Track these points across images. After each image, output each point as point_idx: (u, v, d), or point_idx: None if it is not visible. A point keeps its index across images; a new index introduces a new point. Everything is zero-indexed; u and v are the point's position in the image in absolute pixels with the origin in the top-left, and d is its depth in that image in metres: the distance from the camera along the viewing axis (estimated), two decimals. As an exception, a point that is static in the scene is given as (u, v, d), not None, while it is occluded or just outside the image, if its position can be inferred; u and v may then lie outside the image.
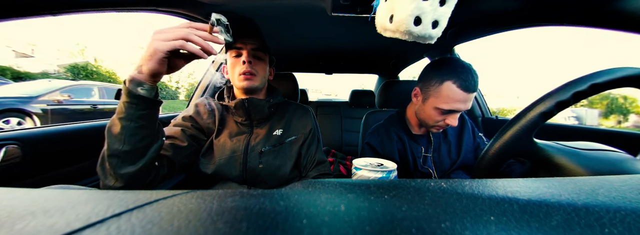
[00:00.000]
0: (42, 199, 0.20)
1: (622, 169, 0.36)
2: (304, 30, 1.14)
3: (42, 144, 0.75)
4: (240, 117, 0.77)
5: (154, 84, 0.52)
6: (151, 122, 0.53)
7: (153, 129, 0.54)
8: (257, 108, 0.75)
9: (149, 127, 0.52)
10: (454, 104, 0.69)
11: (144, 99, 0.50)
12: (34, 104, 4.19)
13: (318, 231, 0.15)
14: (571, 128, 1.01)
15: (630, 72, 0.37)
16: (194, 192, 0.21)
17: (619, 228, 0.16)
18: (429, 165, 0.82)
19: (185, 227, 0.15)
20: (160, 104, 0.54)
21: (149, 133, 0.53)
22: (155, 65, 0.48)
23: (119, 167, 0.51)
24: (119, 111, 0.50)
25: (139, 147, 0.51)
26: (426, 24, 0.44)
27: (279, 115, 0.83)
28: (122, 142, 0.50)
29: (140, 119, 0.50)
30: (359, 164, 0.46)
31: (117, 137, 0.50)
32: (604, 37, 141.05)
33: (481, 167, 0.44)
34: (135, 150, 0.51)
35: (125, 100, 0.49)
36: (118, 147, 0.49)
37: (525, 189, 0.22)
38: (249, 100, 0.74)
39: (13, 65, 13.99)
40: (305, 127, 0.84)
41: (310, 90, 6.90)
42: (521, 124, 0.40)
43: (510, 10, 0.81)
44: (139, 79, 0.50)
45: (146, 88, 0.51)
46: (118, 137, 0.49)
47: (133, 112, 0.49)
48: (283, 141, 0.78)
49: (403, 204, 0.19)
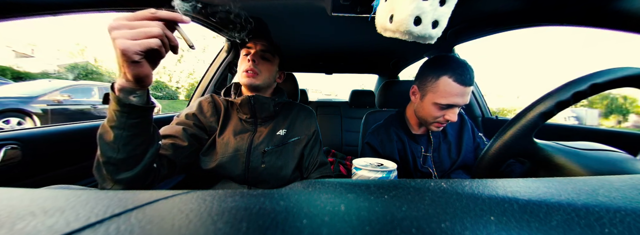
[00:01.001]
0: (42, 199, 0.20)
1: (622, 169, 0.36)
2: (304, 30, 1.14)
3: (42, 144, 0.75)
4: (245, 114, 0.77)
5: (145, 88, 0.47)
6: (145, 129, 0.49)
7: (147, 134, 0.50)
8: (263, 106, 0.76)
9: (143, 135, 0.49)
10: (452, 98, 0.69)
11: (135, 107, 0.45)
12: (34, 104, 4.19)
13: (318, 231, 0.15)
14: (571, 128, 1.01)
15: (631, 72, 0.37)
16: (194, 192, 0.21)
17: (619, 228, 0.16)
18: (429, 165, 0.82)
19: (185, 227, 0.15)
20: (153, 109, 0.50)
21: (144, 140, 0.50)
22: (136, 69, 0.42)
23: (116, 174, 0.48)
24: (109, 119, 0.46)
25: (135, 155, 0.49)
26: (426, 24, 0.44)
27: (283, 115, 0.83)
28: (116, 151, 0.47)
29: (134, 127, 0.46)
30: (359, 164, 0.46)
31: (110, 145, 0.46)
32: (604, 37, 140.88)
33: (481, 167, 0.44)
34: (131, 158, 0.49)
35: (116, 109, 0.44)
36: (112, 155, 0.47)
37: (525, 189, 0.22)
38: (255, 98, 0.74)
39: (13, 65, 13.98)
40: (309, 129, 0.84)
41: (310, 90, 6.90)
42: (521, 124, 0.40)
43: (510, 10, 0.81)
44: (129, 87, 0.44)
45: (138, 95, 0.46)
46: (111, 146, 0.46)
47: (125, 120, 0.45)
48: (286, 141, 0.78)
49: (403, 204, 0.19)
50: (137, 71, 0.42)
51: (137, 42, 0.38)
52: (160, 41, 0.40)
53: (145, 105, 0.47)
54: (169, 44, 0.43)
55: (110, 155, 0.47)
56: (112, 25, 0.39)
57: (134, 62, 0.40)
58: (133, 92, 0.46)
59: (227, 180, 0.74)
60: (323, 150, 0.88)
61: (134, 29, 0.39)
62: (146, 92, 0.48)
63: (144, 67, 0.42)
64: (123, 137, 0.46)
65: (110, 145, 0.47)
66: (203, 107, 0.79)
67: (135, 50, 0.39)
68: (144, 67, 0.42)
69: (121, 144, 0.47)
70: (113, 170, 0.48)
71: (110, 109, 0.46)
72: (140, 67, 0.42)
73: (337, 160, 1.77)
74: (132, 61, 0.40)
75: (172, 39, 0.43)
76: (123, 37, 0.38)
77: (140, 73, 0.43)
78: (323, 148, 0.89)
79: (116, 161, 0.47)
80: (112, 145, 0.47)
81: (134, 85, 0.45)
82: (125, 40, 0.38)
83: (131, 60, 0.40)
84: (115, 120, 0.45)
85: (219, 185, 0.75)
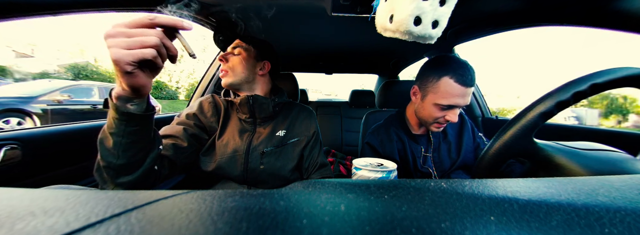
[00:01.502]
0: (42, 199, 0.20)
1: (622, 169, 0.36)
2: (304, 30, 1.14)
3: (42, 144, 0.75)
4: (245, 114, 0.77)
5: (143, 97, 0.45)
6: (145, 135, 0.48)
7: (147, 140, 0.49)
8: (262, 106, 0.75)
9: (143, 141, 0.48)
10: (453, 99, 0.69)
11: (134, 115, 0.44)
12: (34, 104, 4.19)
13: (318, 231, 0.15)
14: (571, 128, 1.01)
15: (631, 72, 0.37)
16: (194, 192, 0.21)
17: (619, 228, 0.16)
18: (429, 165, 0.82)
19: (185, 227, 0.15)
20: (153, 115, 0.49)
21: (144, 146, 0.49)
22: (130, 80, 0.40)
23: (116, 178, 0.49)
24: (108, 125, 0.45)
25: (135, 160, 0.49)
26: (426, 24, 0.44)
27: (283, 116, 0.83)
28: (116, 157, 0.46)
29: (133, 134, 0.46)
30: (359, 164, 0.46)
31: (110, 151, 0.46)
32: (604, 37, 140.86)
33: (481, 167, 0.44)
34: (131, 163, 0.48)
35: (115, 117, 0.44)
36: (112, 160, 0.46)
37: (525, 189, 0.22)
38: (254, 97, 0.73)
39: (13, 65, 13.98)
40: (309, 130, 0.83)
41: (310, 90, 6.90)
42: (521, 124, 0.40)
43: (510, 10, 0.81)
44: (126, 96, 0.43)
45: (136, 103, 0.45)
46: (111, 151, 0.46)
47: (123, 128, 0.44)
48: (286, 142, 0.78)
49: (403, 204, 0.19)
50: (132, 81, 0.40)
51: (131, 52, 0.37)
52: (155, 51, 0.38)
53: (144, 113, 0.46)
54: (167, 54, 0.41)
55: (110, 160, 0.47)
56: (108, 33, 0.37)
57: (128, 72, 0.38)
58: (130, 101, 0.45)
59: (227, 181, 0.74)
60: (323, 151, 0.88)
61: (130, 38, 0.37)
62: (145, 99, 0.46)
63: (139, 77, 0.41)
64: (122, 144, 0.46)
65: (110, 151, 0.46)
66: (203, 107, 0.78)
67: (127, 61, 0.37)
68: (138, 77, 0.40)
69: (121, 151, 0.46)
70: (113, 174, 0.48)
71: (109, 115, 0.45)
72: (134, 78, 0.40)
73: (337, 160, 1.78)
74: (126, 72, 0.38)
75: (171, 49, 0.41)
76: (117, 46, 0.37)
77: (135, 83, 0.41)
78: (323, 148, 0.89)
79: (116, 166, 0.47)
80: (111, 151, 0.46)
81: (131, 94, 0.43)
82: (119, 50, 0.37)
83: (124, 71, 0.38)
84: (114, 128, 0.45)
85: (219, 185, 0.75)
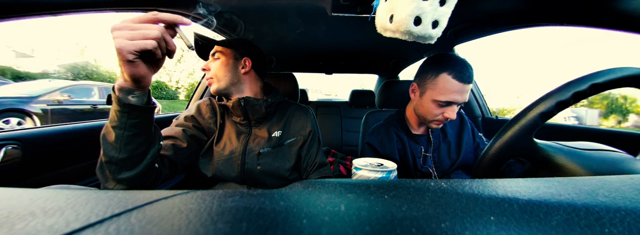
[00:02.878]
0: (42, 199, 0.20)
1: (622, 169, 0.36)
2: (304, 30, 1.14)
3: (42, 144, 0.75)
4: (239, 117, 0.77)
5: (144, 89, 0.48)
6: (146, 128, 0.50)
7: (149, 135, 0.51)
8: (254, 107, 0.75)
9: (144, 134, 0.50)
10: (451, 95, 0.70)
11: (135, 107, 0.47)
12: (34, 104, 4.19)
13: (318, 231, 0.15)
14: (571, 128, 1.01)
15: (630, 72, 0.37)
16: (194, 192, 0.21)
17: (619, 228, 0.16)
18: (429, 165, 0.82)
19: (185, 227, 0.15)
20: (154, 109, 0.51)
21: (145, 140, 0.51)
22: (131, 69, 0.43)
23: (118, 173, 0.50)
24: (111, 119, 0.48)
25: (136, 154, 0.50)
26: (426, 24, 0.44)
27: (278, 116, 0.83)
28: (118, 151, 0.48)
29: (134, 127, 0.48)
30: (359, 164, 0.46)
31: (112, 145, 0.48)
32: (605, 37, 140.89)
33: (481, 167, 0.44)
34: (133, 158, 0.50)
35: (117, 109, 0.46)
36: (114, 154, 0.48)
37: (525, 189, 0.22)
38: (245, 99, 0.73)
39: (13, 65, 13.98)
40: (305, 129, 0.83)
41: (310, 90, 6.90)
42: (521, 124, 0.40)
43: (510, 10, 0.81)
44: (127, 87, 0.46)
45: (137, 95, 0.48)
46: (113, 145, 0.48)
47: (125, 120, 0.47)
48: (282, 143, 0.78)
49: (403, 204, 0.19)
50: (133, 71, 0.44)
51: (133, 43, 0.41)
52: (156, 43, 0.42)
53: (145, 105, 0.49)
54: (165, 47, 0.45)
55: (113, 155, 0.48)
56: (115, 26, 0.41)
57: (130, 61, 0.42)
58: (132, 92, 0.47)
59: (227, 181, 0.74)
60: (323, 151, 0.88)
61: (134, 31, 0.41)
62: (146, 93, 0.49)
63: (140, 67, 0.44)
64: (124, 136, 0.48)
65: (112, 145, 0.48)
66: (201, 109, 0.79)
67: (129, 50, 0.41)
68: (139, 67, 0.44)
69: (123, 144, 0.48)
70: (115, 169, 0.49)
71: (112, 109, 0.48)
72: (136, 67, 0.43)
73: (337, 160, 1.78)
74: (128, 60, 0.42)
75: (170, 44, 0.45)
76: (121, 37, 0.41)
77: (136, 73, 0.44)
78: (323, 148, 0.89)
79: (118, 161, 0.49)
80: (114, 145, 0.48)
81: (132, 86, 0.46)
82: (123, 40, 0.41)
83: (126, 59, 0.42)
84: (117, 120, 0.47)
85: (219, 185, 0.75)
